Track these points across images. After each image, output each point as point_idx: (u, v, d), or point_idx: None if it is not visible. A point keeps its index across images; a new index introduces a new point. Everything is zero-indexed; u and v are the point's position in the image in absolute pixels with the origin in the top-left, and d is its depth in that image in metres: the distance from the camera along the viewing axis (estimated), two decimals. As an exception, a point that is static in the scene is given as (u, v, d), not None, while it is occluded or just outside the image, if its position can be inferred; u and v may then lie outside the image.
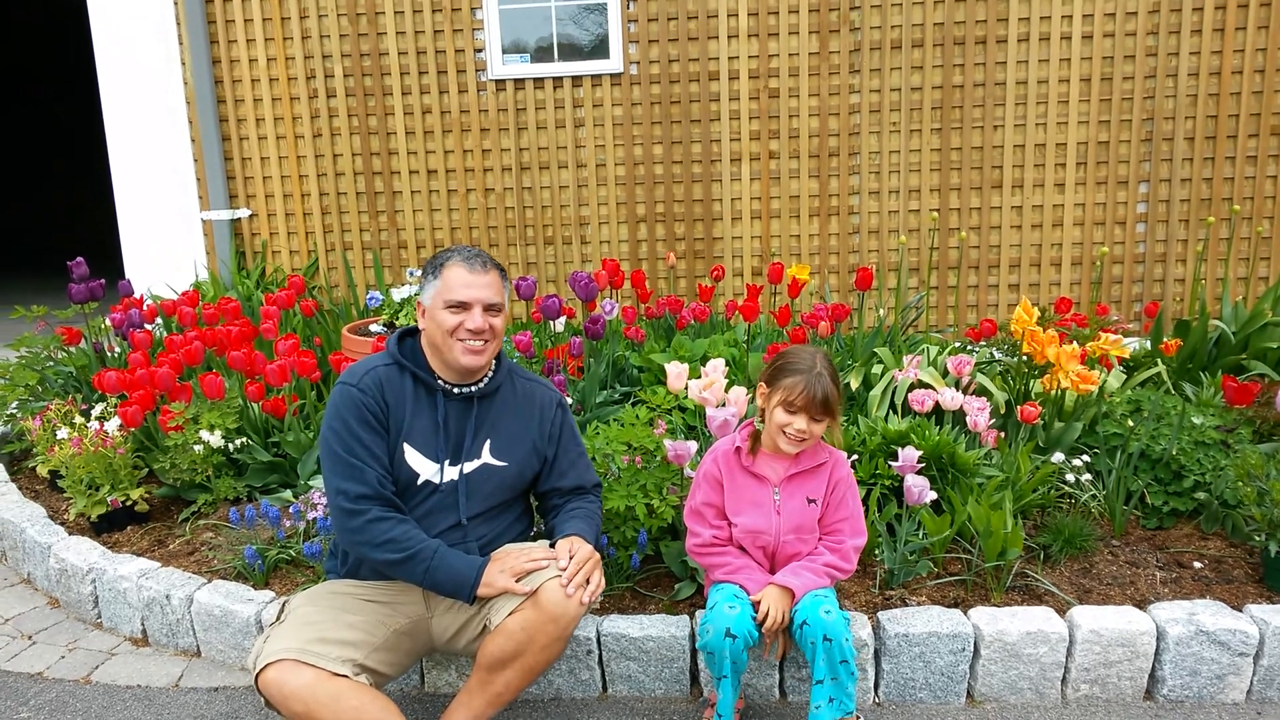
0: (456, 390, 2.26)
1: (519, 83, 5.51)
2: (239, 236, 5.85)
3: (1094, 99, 5.22)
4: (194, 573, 2.92)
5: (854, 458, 2.91)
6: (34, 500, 3.55)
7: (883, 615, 2.48)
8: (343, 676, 1.95)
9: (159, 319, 4.59)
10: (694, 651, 2.47)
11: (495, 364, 2.34)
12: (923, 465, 2.79)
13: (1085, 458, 3.20)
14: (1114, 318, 4.53)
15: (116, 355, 4.36)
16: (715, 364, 3.08)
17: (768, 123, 5.41)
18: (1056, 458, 3.12)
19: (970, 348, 3.97)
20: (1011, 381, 3.57)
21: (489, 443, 2.28)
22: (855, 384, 3.56)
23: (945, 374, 3.49)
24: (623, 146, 5.53)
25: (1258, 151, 5.19)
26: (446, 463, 2.23)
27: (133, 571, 2.89)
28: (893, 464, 2.76)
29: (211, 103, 5.62)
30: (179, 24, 5.58)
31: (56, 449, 3.37)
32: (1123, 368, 3.93)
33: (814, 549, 2.33)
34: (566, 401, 2.50)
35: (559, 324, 4.08)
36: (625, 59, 5.42)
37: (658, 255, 5.63)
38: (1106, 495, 3.06)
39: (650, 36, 5.37)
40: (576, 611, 2.09)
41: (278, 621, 2.11)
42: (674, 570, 2.74)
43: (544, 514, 2.45)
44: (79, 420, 3.50)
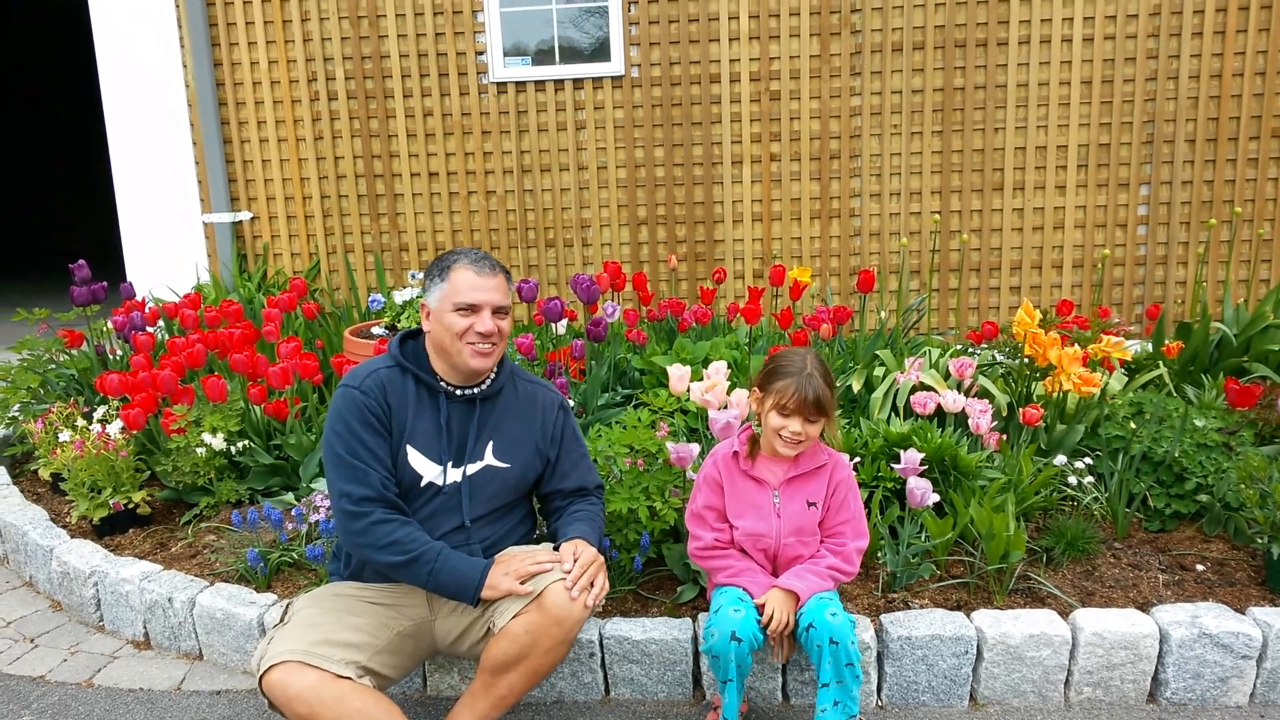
0: (459, 392, 2.26)
1: (520, 85, 5.51)
2: (240, 239, 5.85)
3: (1095, 101, 5.22)
4: (196, 575, 2.92)
5: (856, 460, 2.91)
6: (36, 503, 3.56)
7: (885, 618, 2.48)
8: (346, 679, 1.95)
9: (161, 321, 4.59)
10: (697, 654, 2.47)
11: (497, 366, 2.33)
12: (925, 468, 2.79)
13: (1087, 460, 3.20)
14: (1115, 320, 4.53)
15: (118, 358, 4.36)
16: (717, 366, 3.08)
17: (769, 125, 5.41)
18: (1059, 460, 3.12)
19: (972, 350, 3.98)
20: (1013, 384, 3.57)
21: (492, 444, 2.28)
22: (857, 386, 3.56)
23: (947, 376, 3.49)
24: (624, 149, 5.53)
25: (1259, 154, 5.19)
26: (449, 465, 2.23)
27: (135, 574, 2.89)
28: (895, 466, 2.76)
29: (213, 104, 5.62)
30: (180, 25, 5.59)
31: (58, 452, 3.37)
32: (1124, 370, 3.93)
33: (816, 552, 2.33)
34: (568, 403, 2.50)
35: (561, 326, 4.08)
36: (626, 61, 5.42)
37: (659, 258, 5.63)
38: (1109, 498, 3.06)
39: (651, 39, 5.38)
40: (581, 615, 2.09)
41: (281, 623, 2.11)
42: (676, 573, 2.74)
43: (546, 516, 2.45)
44: (81, 423, 3.50)
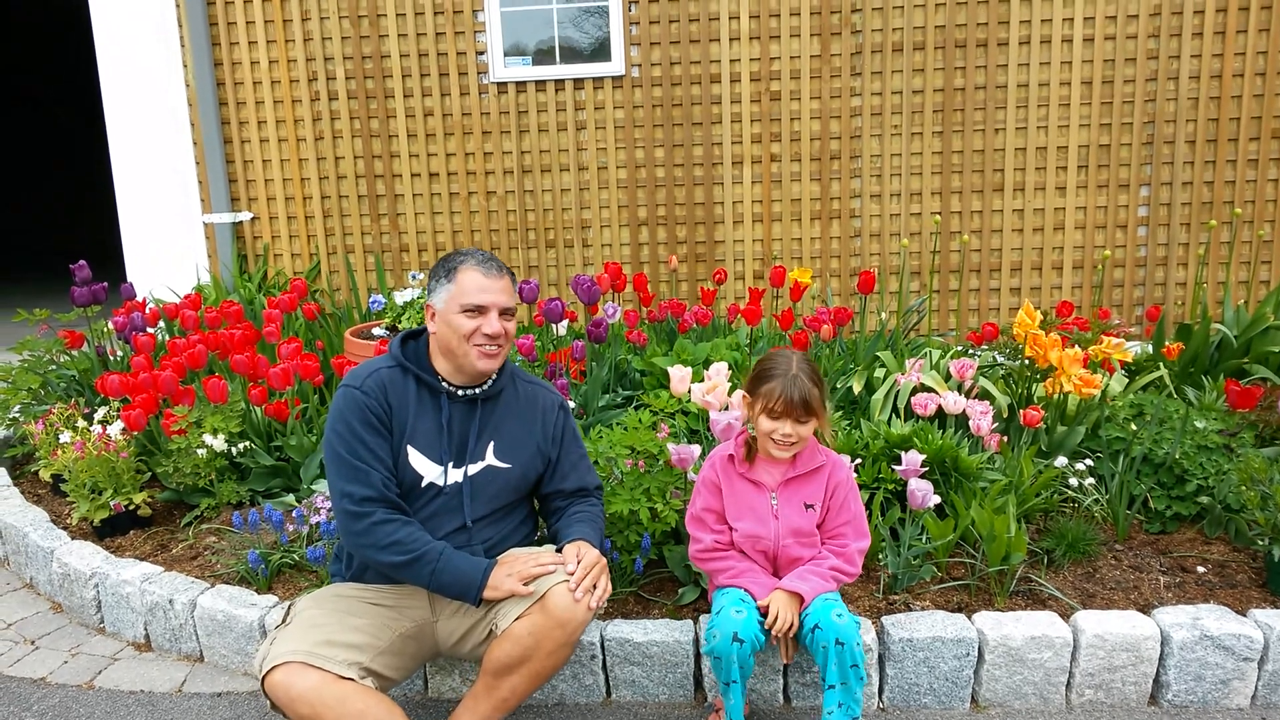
0: (460, 392, 2.26)
1: (520, 85, 5.51)
2: (241, 239, 5.85)
3: (1095, 102, 5.22)
4: (197, 577, 2.92)
5: (857, 461, 2.91)
6: (36, 504, 3.55)
7: (886, 620, 2.48)
8: (349, 680, 1.95)
9: (161, 322, 4.59)
10: (698, 656, 2.47)
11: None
12: (926, 469, 2.79)
13: (1088, 462, 3.20)
14: (1115, 321, 4.53)
15: (119, 359, 4.36)
16: (718, 367, 3.08)
17: (769, 125, 5.41)
18: (1059, 462, 3.12)
19: (972, 351, 3.98)
20: (1014, 385, 3.57)
21: (493, 445, 2.28)
22: (858, 388, 3.56)
23: (948, 378, 3.49)
24: (624, 149, 5.53)
25: (1259, 155, 5.19)
26: (450, 465, 2.23)
27: (136, 576, 2.89)
28: (896, 468, 2.76)
29: (213, 105, 5.62)
30: (180, 25, 5.58)
31: (59, 453, 3.37)
32: (1125, 372, 3.93)
33: (817, 553, 2.33)
34: (568, 404, 2.50)
35: (561, 327, 4.08)
36: (627, 61, 5.42)
37: (659, 258, 5.63)
38: (1109, 499, 3.06)
39: (652, 39, 5.38)
40: (584, 617, 2.09)
41: (283, 624, 2.11)
42: (677, 575, 2.74)
43: (546, 516, 2.45)
44: (81, 424, 3.50)
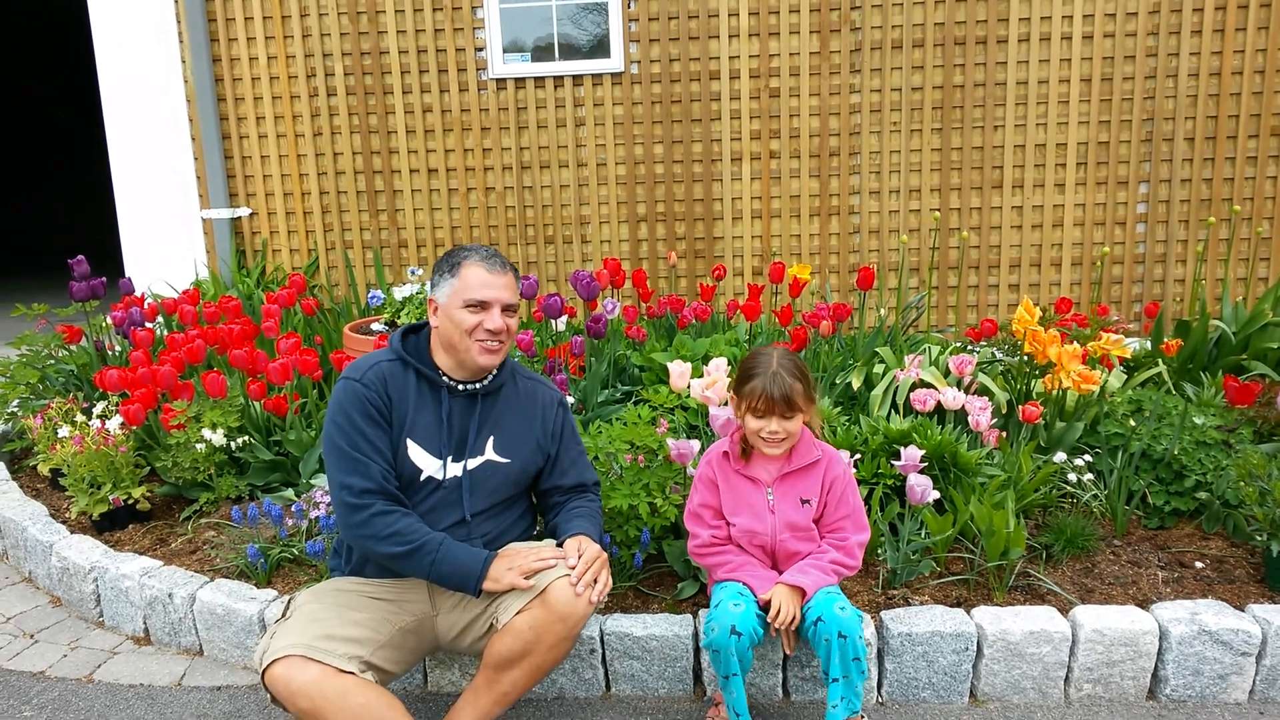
0: (461, 387, 2.26)
1: (519, 82, 5.51)
2: (239, 235, 5.84)
3: (1094, 99, 5.22)
4: (196, 571, 2.92)
5: (856, 457, 2.91)
6: (35, 499, 3.55)
7: (886, 615, 2.49)
8: (349, 673, 1.95)
9: (160, 317, 4.58)
10: (698, 650, 2.47)
11: None
12: (925, 465, 2.79)
13: (1087, 457, 3.21)
14: (1114, 318, 4.53)
15: (118, 353, 4.35)
16: (717, 363, 3.08)
17: (768, 122, 5.41)
18: (1058, 457, 3.12)
19: (971, 347, 3.98)
20: (1013, 381, 3.57)
21: (493, 439, 2.28)
22: (857, 383, 3.56)
23: (947, 374, 3.49)
24: (623, 145, 5.53)
25: (1258, 152, 5.20)
26: (449, 459, 2.23)
27: (135, 570, 2.89)
28: (895, 463, 2.77)
29: (212, 101, 5.61)
30: (179, 23, 5.58)
31: (58, 447, 3.37)
32: (1123, 368, 3.93)
33: (815, 547, 2.33)
34: (567, 400, 2.50)
35: (560, 323, 4.08)
36: (626, 58, 5.42)
37: (659, 254, 5.63)
38: (1108, 495, 3.07)
39: (651, 36, 5.37)
40: (585, 611, 2.09)
41: (283, 618, 2.11)
42: (677, 569, 2.74)
43: (544, 511, 2.45)
44: (80, 418, 3.50)
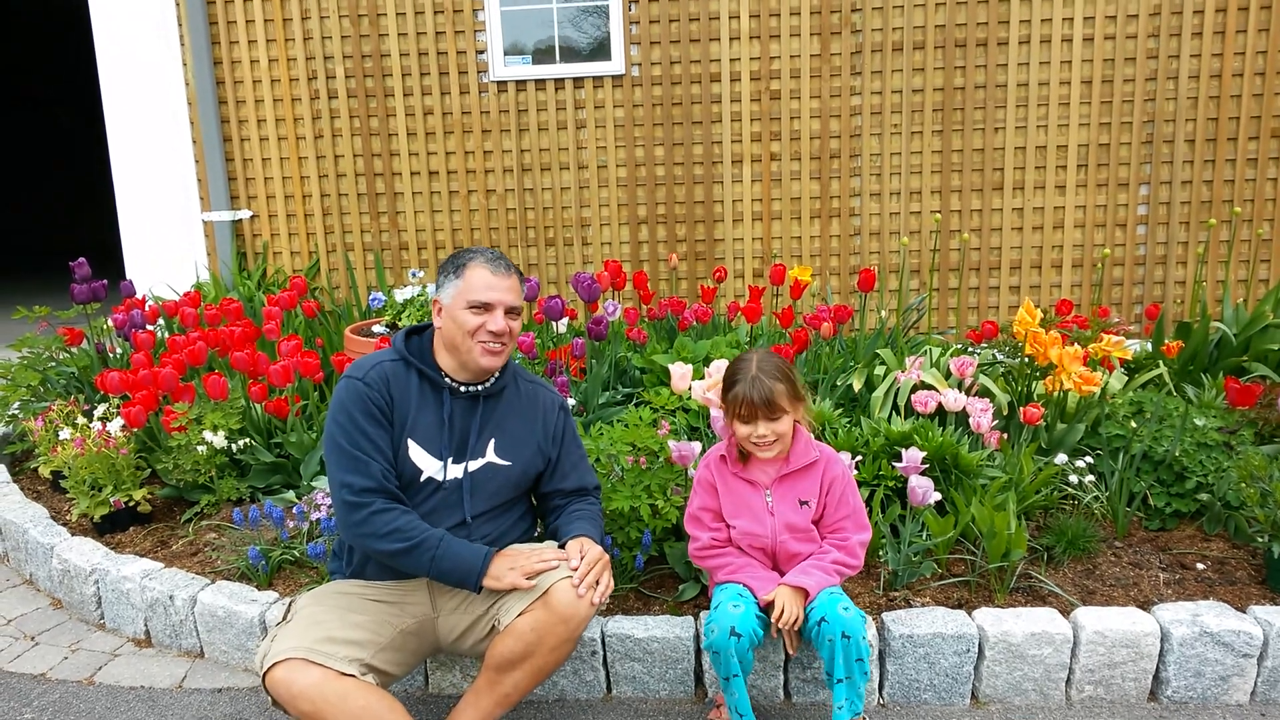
0: (462, 389, 2.26)
1: (520, 84, 5.51)
2: (240, 237, 5.85)
3: (1095, 101, 5.22)
4: (197, 573, 2.92)
5: (857, 459, 2.91)
6: (36, 501, 3.55)
7: (887, 616, 2.48)
8: (350, 676, 1.96)
9: (161, 319, 4.59)
10: (699, 652, 2.47)
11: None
12: (926, 466, 2.79)
13: (1088, 459, 3.21)
14: (1115, 319, 4.53)
15: (119, 356, 4.35)
16: (718, 365, 3.08)
17: (769, 124, 5.41)
18: (1059, 459, 3.12)
19: (972, 349, 3.98)
20: (1014, 383, 3.57)
21: (494, 442, 2.28)
22: (858, 385, 3.56)
23: (948, 375, 3.49)
24: (624, 148, 5.53)
25: (1258, 154, 5.20)
26: (450, 460, 2.23)
27: (136, 572, 2.89)
28: (896, 465, 2.76)
29: (213, 103, 5.62)
30: (180, 24, 5.58)
31: (59, 449, 3.37)
32: (1124, 369, 3.93)
33: (816, 548, 2.33)
34: (568, 404, 2.50)
35: (562, 325, 4.08)
36: (627, 60, 5.42)
37: (659, 256, 5.63)
38: (1109, 496, 3.07)
39: (652, 38, 5.38)
40: (587, 612, 2.09)
41: (284, 621, 2.11)
42: (678, 571, 2.74)
43: (544, 515, 2.45)
44: (81, 421, 3.50)
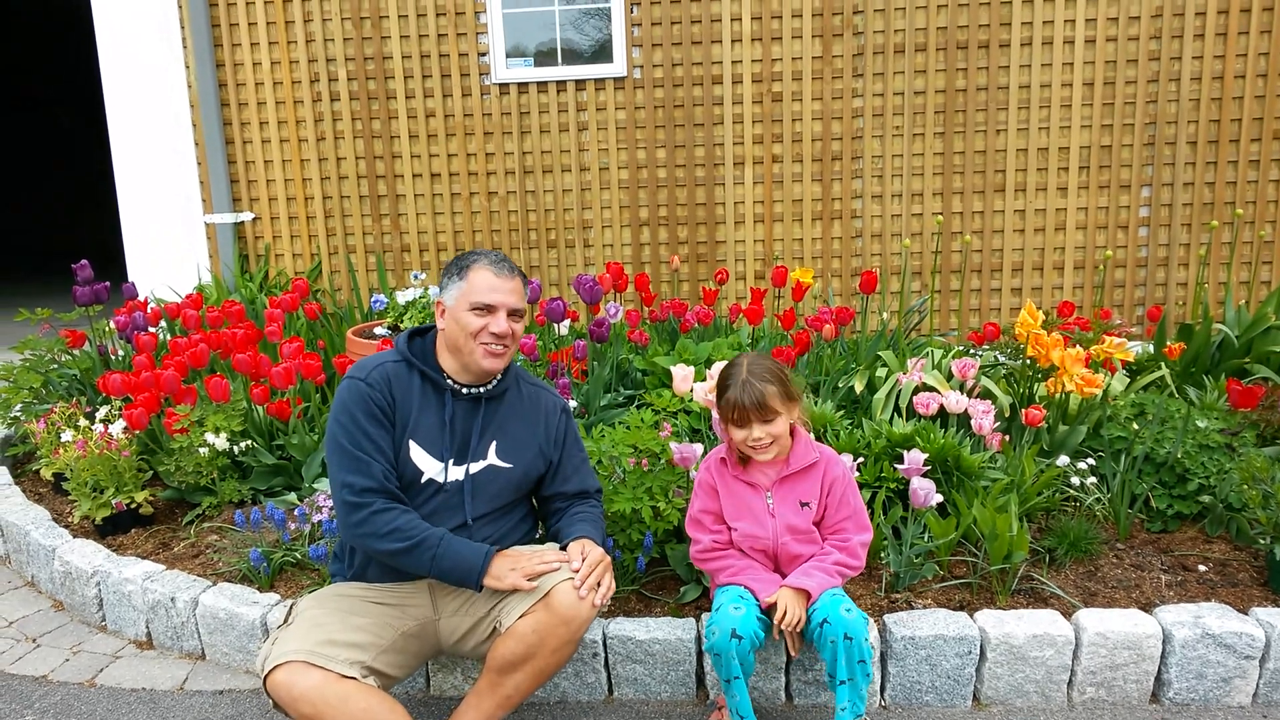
0: (465, 391, 2.27)
1: (522, 86, 5.52)
2: (242, 239, 5.85)
3: (1096, 103, 5.22)
4: (199, 575, 2.92)
5: (859, 460, 2.91)
6: (38, 503, 3.56)
7: (889, 618, 2.48)
8: (351, 679, 1.96)
9: (163, 322, 4.59)
10: (700, 654, 2.47)
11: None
12: (928, 468, 2.79)
13: (1090, 461, 3.20)
14: (1117, 321, 4.53)
15: (121, 358, 4.36)
16: (720, 367, 3.08)
17: (770, 126, 5.42)
18: (1061, 461, 3.12)
19: (974, 351, 3.98)
20: (1016, 385, 3.57)
21: (495, 444, 2.29)
22: (859, 387, 3.56)
23: (949, 377, 3.49)
24: (626, 150, 5.54)
25: (1260, 156, 5.19)
26: (451, 462, 2.23)
27: (137, 574, 2.89)
28: (898, 467, 2.76)
29: (215, 106, 5.62)
30: (183, 26, 5.59)
31: (61, 451, 3.37)
32: (1126, 371, 3.93)
33: (818, 549, 2.33)
34: (570, 407, 2.50)
35: (563, 327, 4.08)
36: (629, 63, 5.42)
37: (661, 259, 5.64)
38: (1111, 498, 3.06)
39: (653, 40, 5.38)
40: (589, 614, 2.09)
41: (285, 624, 2.11)
42: (680, 573, 2.74)
43: (546, 517, 2.45)
44: (83, 423, 3.50)
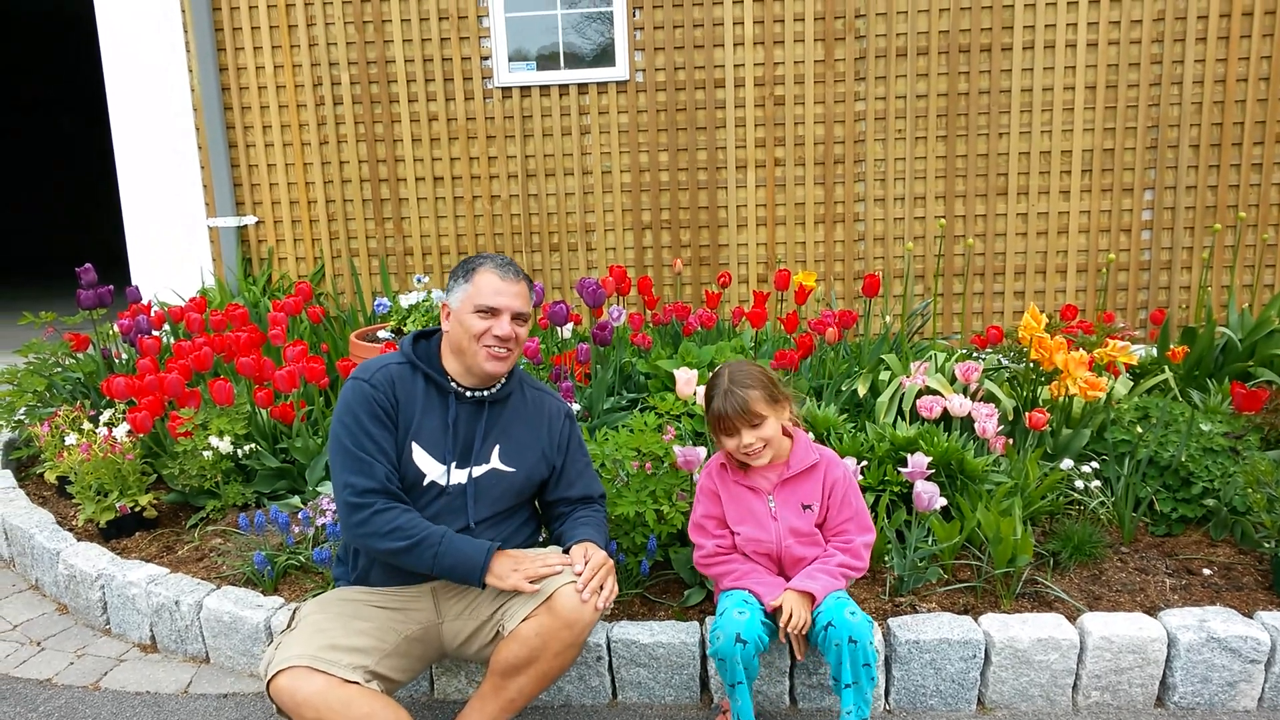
0: (468, 394, 2.27)
1: (525, 90, 5.52)
2: (245, 242, 5.86)
3: (1099, 106, 5.22)
4: (203, 579, 2.92)
5: (863, 464, 2.91)
6: (42, 506, 3.56)
7: (893, 622, 2.48)
8: (354, 683, 1.95)
9: (166, 325, 4.60)
10: (704, 658, 2.47)
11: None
12: (932, 471, 2.79)
13: (1093, 464, 3.20)
14: (1120, 325, 4.53)
15: (124, 361, 4.36)
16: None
17: (773, 130, 5.42)
18: (1065, 464, 3.11)
19: (977, 354, 3.97)
20: (1019, 388, 3.57)
21: (498, 448, 2.29)
22: (863, 390, 3.56)
23: (953, 380, 3.49)
24: (628, 153, 5.54)
25: (1262, 159, 5.19)
26: (453, 465, 2.23)
27: (141, 578, 2.89)
28: (902, 470, 2.76)
29: (218, 110, 5.64)
30: (186, 30, 5.61)
31: (65, 455, 3.38)
32: (1130, 375, 3.92)
33: (821, 551, 2.33)
34: (574, 411, 2.50)
35: (566, 330, 4.09)
36: (631, 67, 5.43)
37: (664, 262, 5.64)
38: (1115, 502, 3.06)
39: (656, 44, 5.39)
40: (591, 617, 2.09)
41: (289, 629, 2.11)
42: (683, 576, 2.74)
43: (549, 521, 2.45)
44: (87, 426, 3.50)
